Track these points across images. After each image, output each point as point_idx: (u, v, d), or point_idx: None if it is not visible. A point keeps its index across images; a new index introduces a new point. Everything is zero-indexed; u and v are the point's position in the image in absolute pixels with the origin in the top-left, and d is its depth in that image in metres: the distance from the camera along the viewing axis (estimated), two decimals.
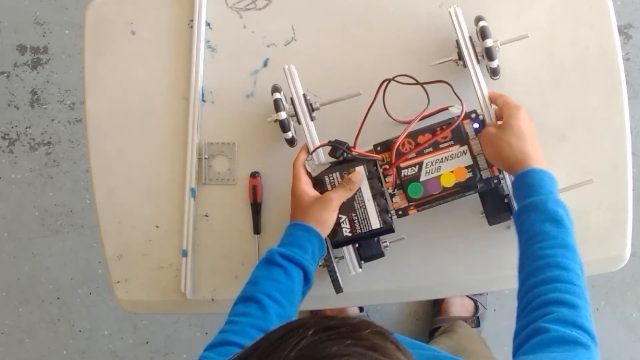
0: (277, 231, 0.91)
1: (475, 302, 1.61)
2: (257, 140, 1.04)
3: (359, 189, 0.88)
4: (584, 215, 0.99)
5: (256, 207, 1.02)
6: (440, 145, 0.87)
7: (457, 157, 0.87)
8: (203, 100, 1.04)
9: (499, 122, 0.90)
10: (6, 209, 1.84)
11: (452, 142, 0.88)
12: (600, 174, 0.99)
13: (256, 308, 0.77)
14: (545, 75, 1.00)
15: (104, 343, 1.81)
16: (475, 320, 1.58)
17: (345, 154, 0.87)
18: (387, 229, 0.88)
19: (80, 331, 1.81)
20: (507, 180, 0.91)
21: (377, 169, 0.89)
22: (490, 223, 0.93)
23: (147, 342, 1.80)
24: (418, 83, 0.92)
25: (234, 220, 1.04)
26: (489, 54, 0.90)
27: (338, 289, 0.92)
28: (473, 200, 0.96)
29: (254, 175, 1.02)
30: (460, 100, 0.90)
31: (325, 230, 0.86)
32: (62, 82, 1.85)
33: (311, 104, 0.94)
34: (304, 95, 0.94)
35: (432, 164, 0.87)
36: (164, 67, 1.05)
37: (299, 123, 0.93)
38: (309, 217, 0.85)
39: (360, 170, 0.88)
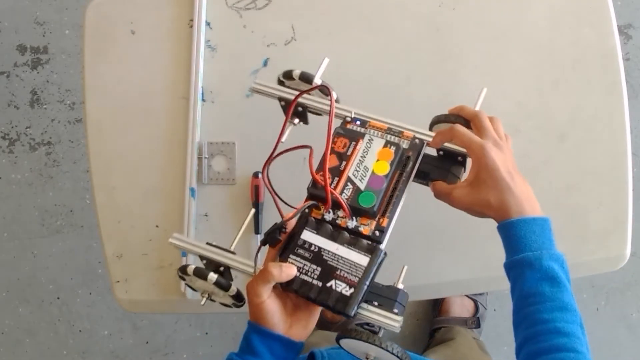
0: None
1: (475, 302, 1.61)
2: (256, 139, 1.04)
3: (320, 248, 0.75)
4: (584, 215, 1.00)
5: (258, 207, 1.02)
6: (348, 153, 0.80)
7: (370, 147, 0.80)
8: (203, 100, 1.04)
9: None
10: (6, 209, 1.84)
11: (354, 143, 0.81)
12: (600, 173, 0.99)
13: None
14: (545, 74, 1.00)
15: (104, 343, 1.81)
16: (476, 321, 1.58)
17: (282, 232, 0.76)
18: (376, 252, 0.75)
19: (80, 331, 1.81)
20: (423, 135, 0.83)
21: (321, 220, 0.78)
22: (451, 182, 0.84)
23: (147, 342, 1.80)
24: (279, 154, 0.80)
25: (234, 220, 1.04)
26: (308, 79, 0.84)
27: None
28: None
29: (256, 175, 1.02)
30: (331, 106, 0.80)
31: (269, 323, 0.73)
32: (62, 82, 1.85)
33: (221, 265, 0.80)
34: (209, 245, 0.81)
35: (357, 170, 0.79)
36: (164, 66, 1.05)
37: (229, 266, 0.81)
38: (250, 313, 0.75)
39: (277, 264, 0.73)
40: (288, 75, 0.85)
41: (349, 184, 0.78)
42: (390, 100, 1.01)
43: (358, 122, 0.83)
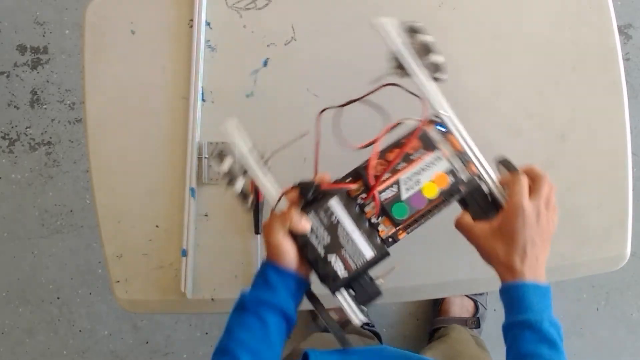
0: None
1: (475, 302, 1.61)
2: (257, 139, 1.03)
3: (339, 222, 0.78)
4: (584, 215, 1.00)
5: (257, 207, 1.02)
6: (412, 157, 0.80)
7: (433, 164, 0.80)
8: (203, 100, 1.04)
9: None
10: (6, 209, 1.84)
11: (423, 151, 0.81)
12: (600, 173, 0.99)
13: None
14: (546, 75, 1.00)
15: (104, 343, 1.81)
16: (476, 321, 1.58)
17: (316, 192, 0.78)
18: (383, 254, 0.80)
19: (80, 331, 1.81)
20: (487, 177, 0.85)
21: (353, 199, 0.81)
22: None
23: (147, 342, 1.80)
24: (360, 98, 0.82)
25: (234, 220, 1.04)
26: (428, 49, 0.83)
27: (346, 344, 0.83)
28: None
29: None
30: (419, 97, 0.82)
31: (284, 261, 0.78)
32: (62, 82, 1.85)
33: (262, 157, 0.83)
34: (254, 149, 0.83)
35: (409, 179, 0.80)
36: (164, 66, 1.05)
37: (255, 182, 0.82)
38: (267, 251, 0.80)
39: (299, 214, 0.77)
40: (414, 29, 0.83)
41: (394, 186, 0.80)
42: (390, 100, 1.01)
43: (439, 128, 0.82)
